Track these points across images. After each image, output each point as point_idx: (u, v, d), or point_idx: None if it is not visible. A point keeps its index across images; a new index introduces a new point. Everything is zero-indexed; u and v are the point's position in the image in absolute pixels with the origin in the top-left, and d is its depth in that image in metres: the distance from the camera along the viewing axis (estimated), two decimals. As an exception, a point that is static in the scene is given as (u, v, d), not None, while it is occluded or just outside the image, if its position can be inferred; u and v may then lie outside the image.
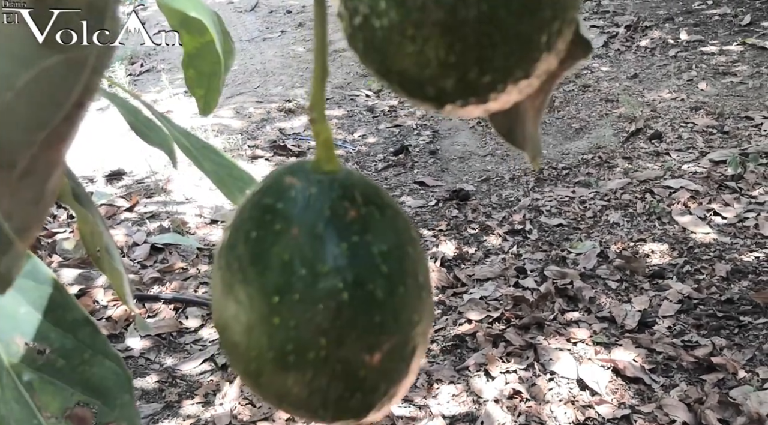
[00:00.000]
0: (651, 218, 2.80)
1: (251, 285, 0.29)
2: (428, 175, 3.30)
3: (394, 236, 0.30)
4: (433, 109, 0.27)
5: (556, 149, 3.39)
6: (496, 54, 0.25)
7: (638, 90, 3.76)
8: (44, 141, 0.24)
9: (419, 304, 0.30)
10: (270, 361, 0.29)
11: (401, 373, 0.31)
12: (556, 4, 0.25)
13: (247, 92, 4.12)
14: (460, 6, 0.24)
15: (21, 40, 0.23)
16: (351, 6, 0.26)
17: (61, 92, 0.24)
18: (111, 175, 3.34)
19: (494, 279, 2.58)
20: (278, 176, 0.30)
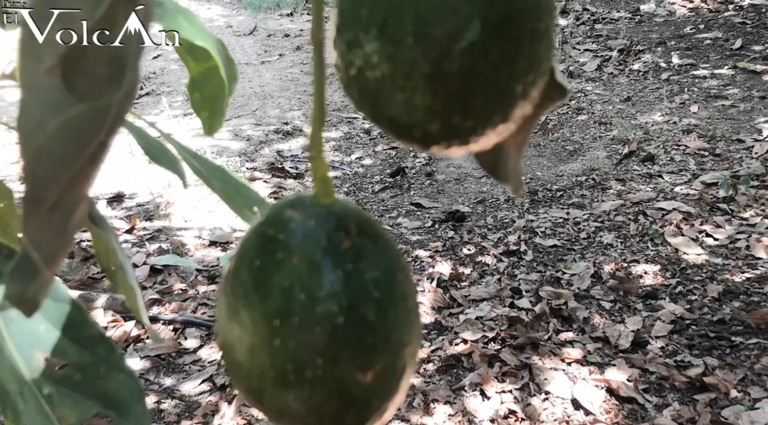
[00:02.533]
0: (644, 239, 2.83)
1: (254, 310, 0.32)
2: (424, 196, 3.33)
3: (385, 264, 0.33)
4: (419, 149, 0.30)
5: (550, 171, 3.42)
6: (477, 102, 0.28)
7: (631, 113, 3.80)
8: (71, 179, 0.27)
9: (408, 327, 0.33)
10: (271, 379, 0.32)
11: (392, 391, 0.33)
12: (531, 58, 0.28)
13: (246, 115, 4.16)
14: (445, 60, 0.27)
15: (52, 90, 0.26)
16: (347, 59, 0.29)
17: (86, 136, 0.27)
18: (112, 198, 3.37)
19: (489, 300, 2.60)
20: (280, 209, 0.33)
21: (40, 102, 0.26)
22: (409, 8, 0.27)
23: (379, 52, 0.27)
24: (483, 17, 0.27)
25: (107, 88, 0.27)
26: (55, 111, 0.26)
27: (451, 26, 0.26)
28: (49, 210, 0.28)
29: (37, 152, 0.26)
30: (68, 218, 0.28)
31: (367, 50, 0.28)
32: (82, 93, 0.26)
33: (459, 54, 0.27)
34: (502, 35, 0.27)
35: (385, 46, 0.27)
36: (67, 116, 0.26)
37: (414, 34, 0.27)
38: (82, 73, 0.26)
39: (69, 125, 0.26)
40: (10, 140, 3.93)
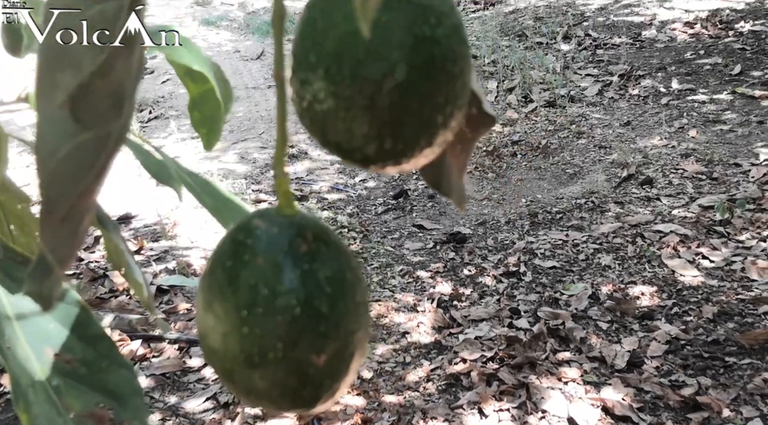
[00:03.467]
0: (641, 261, 2.87)
1: (226, 302, 0.38)
2: (426, 218, 3.39)
3: (337, 265, 0.39)
4: (361, 168, 0.36)
5: (550, 194, 3.48)
6: (405, 130, 0.34)
7: (631, 137, 3.86)
8: (79, 194, 0.33)
9: (356, 317, 0.39)
10: (240, 361, 0.38)
11: (342, 372, 0.39)
12: (448, 94, 0.34)
13: (252, 138, 4.24)
14: (377, 96, 0.33)
15: (63, 121, 0.32)
16: (300, 94, 0.35)
17: (92, 159, 0.33)
18: (119, 218, 3.45)
19: (489, 320, 2.65)
20: (249, 219, 0.39)
21: (53, 131, 0.33)
22: (348, 54, 0.33)
23: (324, 90, 0.34)
24: (408, 62, 0.33)
25: (108, 118, 0.33)
26: (66, 138, 0.33)
27: (381, 69, 0.33)
28: (61, 220, 0.34)
29: (51, 172, 0.33)
30: (77, 226, 0.35)
31: (315, 88, 0.34)
32: (87, 123, 0.33)
33: (388, 91, 0.33)
34: (423, 76, 0.34)
35: (329, 85, 0.34)
36: (75, 143, 0.33)
37: (352, 75, 0.33)
38: (87, 107, 0.33)
39: (77, 150, 0.33)
40: (22, 162, 4.02)
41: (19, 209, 0.81)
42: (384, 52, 0.33)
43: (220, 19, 6.58)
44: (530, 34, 5.32)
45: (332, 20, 0.34)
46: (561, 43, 5.15)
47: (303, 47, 0.35)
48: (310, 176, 3.80)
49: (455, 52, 0.34)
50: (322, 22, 0.34)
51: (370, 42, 0.33)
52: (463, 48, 0.35)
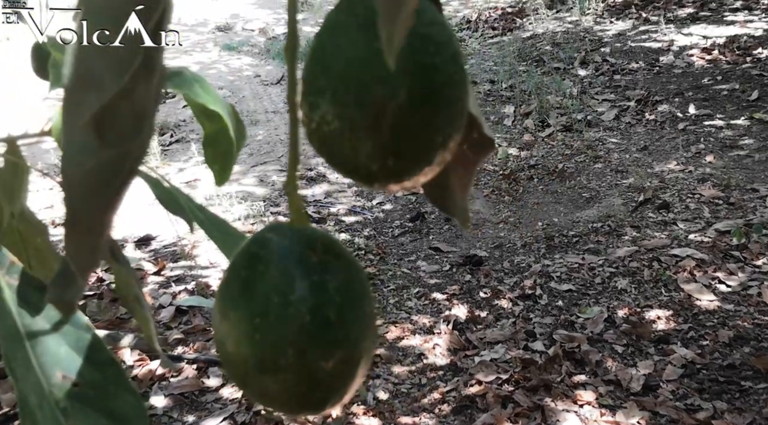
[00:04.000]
0: (657, 285, 2.87)
1: (240, 310, 0.41)
2: (443, 241, 3.41)
3: (345, 276, 0.41)
4: (366, 186, 0.39)
5: (566, 218, 3.49)
6: (406, 149, 0.37)
7: (647, 161, 3.87)
8: (100, 208, 0.36)
9: (363, 325, 0.42)
10: (253, 366, 0.41)
11: (350, 377, 0.42)
12: (446, 117, 0.37)
13: (271, 161, 4.29)
14: (380, 118, 0.36)
15: (87, 140, 0.35)
16: (309, 116, 0.38)
17: (113, 174, 0.36)
18: (140, 240, 3.49)
19: (504, 342, 2.66)
20: (263, 232, 0.42)
21: (78, 148, 0.36)
22: (353, 79, 0.36)
23: (331, 112, 0.37)
24: (408, 86, 0.36)
25: (129, 137, 0.36)
26: (89, 155, 0.36)
27: (384, 93, 0.36)
28: (83, 231, 0.37)
29: (76, 186, 0.36)
30: (98, 238, 0.38)
31: (322, 110, 0.37)
32: (109, 141, 0.36)
33: (390, 114, 0.36)
34: (423, 100, 0.36)
35: (336, 108, 0.37)
36: (98, 159, 0.36)
37: (356, 99, 0.36)
38: (109, 126, 0.36)
39: (100, 165, 0.36)
40: (44, 185, 4.09)
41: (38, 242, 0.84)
42: (387, 78, 0.36)
43: (241, 44, 6.68)
44: (548, 60, 5.36)
45: (339, 48, 0.37)
46: (578, 68, 5.18)
47: (312, 73, 0.38)
48: (328, 199, 3.83)
49: (453, 78, 0.37)
50: (330, 49, 0.37)
51: (373, 68, 0.36)
52: (460, 74, 0.38)
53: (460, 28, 6.30)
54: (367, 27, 0.36)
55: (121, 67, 0.35)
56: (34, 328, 0.61)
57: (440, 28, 0.37)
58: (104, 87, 0.35)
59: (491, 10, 6.52)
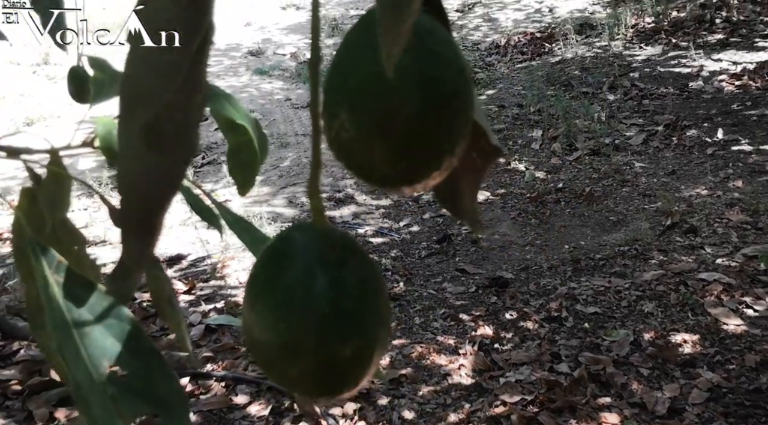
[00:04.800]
0: (684, 309, 2.87)
1: (267, 301, 0.45)
2: (469, 263, 3.43)
3: (361, 271, 0.45)
4: (380, 188, 0.43)
5: (593, 241, 3.50)
6: (416, 154, 0.41)
7: (675, 186, 3.87)
8: (151, 209, 0.41)
9: (378, 317, 0.45)
10: (277, 352, 0.45)
11: (365, 364, 0.46)
12: (452, 125, 0.41)
13: (301, 183, 4.36)
14: (393, 126, 0.40)
15: (138, 146, 0.40)
16: (329, 125, 0.42)
17: (162, 178, 0.41)
18: (171, 259, 3.56)
19: (530, 364, 2.67)
20: (288, 231, 0.46)
21: (130, 154, 0.40)
22: (368, 91, 0.41)
23: (349, 121, 0.41)
24: (418, 98, 0.40)
25: (174, 146, 0.41)
26: (141, 161, 0.40)
27: (396, 104, 0.40)
28: (136, 231, 0.41)
29: (129, 188, 0.40)
30: (150, 236, 0.42)
31: (341, 119, 0.41)
32: (158, 149, 0.40)
33: (402, 122, 0.40)
34: (431, 110, 0.41)
35: (353, 117, 0.41)
36: (148, 165, 0.40)
37: (371, 109, 0.41)
38: (157, 135, 0.40)
39: (150, 170, 0.40)
40: (80, 205, 4.19)
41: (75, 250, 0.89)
42: (399, 90, 0.40)
43: (272, 68, 6.79)
44: (576, 84, 5.38)
45: (356, 63, 0.41)
46: (607, 93, 5.20)
47: (332, 86, 0.42)
48: (356, 220, 3.88)
49: (459, 90, 0.41)
50: (347, 64, 0.42)
51: (387, 81, 0.40)
52: (466, 87, 0.42)
53: (489, 53, 6.36)
54: (380, 45, 0.41)
55: (169, 84, 0.39)
56: (81, 320, 0.66)
57: (448, 46, 0.42)
58: (153, 100, 0.40)
59: (520, 35, 6.57)
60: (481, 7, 7.38)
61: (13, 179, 4.52)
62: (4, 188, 4.46)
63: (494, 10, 7.26)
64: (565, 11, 6.90)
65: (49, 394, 2.48)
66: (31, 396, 2.49)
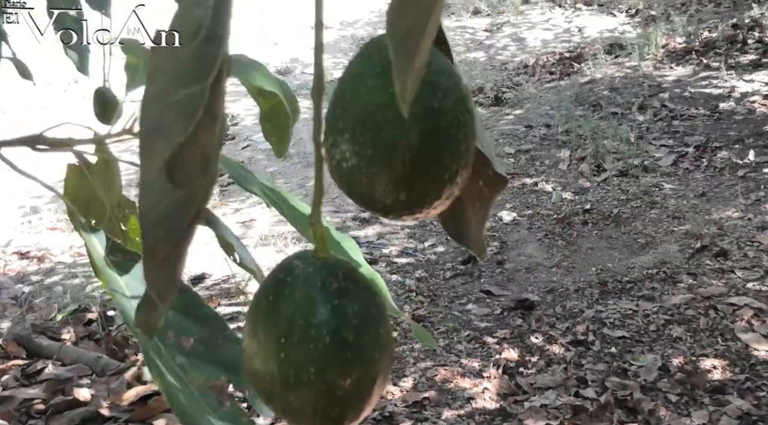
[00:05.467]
0: (714, 333, 2.82)
1: (267, 330, 0.45)
2: (495, 284, 3.41)
3: (363, 301, 0.45)
4: (382, 216, 0.43)
5: (621, 263, 3.46)
6: (416, 184, 0.41)
7: (705, 208, 3.82)
8: (175, 241, 0.41)
9: (380, 347, 0.45)
10: (278, 382, 0.44)
11: (367, 394, 0.45)
12: (453, 155, 0.41)
13: (326, 203, 4.36)
14: (393, 156, 0.40)
15: (160, 182, 0.40)
16: (330, 154, 0.42)
17: (184, 212, 0.41)
18: (195, 278, 3.59)
19: (555, 388, 2.64)
20: (289, 260, 0.46)
21: (153, 191, 0.41)
22: (369, 121, 0.40)
23: (350, 150, 0.41)
24: (419, 128, 0.40)
25: (196, 179, 0.41)
26: (163, 196, 0.41)
27: (396, 134, 0.40)
28: (161, 262, 0.42)
29: (152, 224, 0.41)
30: (175, 267, 0.43)
31: (342, 148, 0.41)
32: (179, 183, 0.41)
33: (402, 152, 0.40)
34: (431, 140, 0.40)
35: (354, 146, 0.41)
36: (170, 200, 0.41)
37: (372, 138, 0.40)
38: (179, 170, 0.41)
39: (172, 205, 0.41)
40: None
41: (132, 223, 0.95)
42: (398, 120, 0.40)
43: (300, 87, 6.84)
44: (605, 105, 5.35)
45: (357, 93, 0.41)
46: (636, 113, 5.16)
47: (334, 115, 0.42)
48: (381, 240, 3.88)
49: (459, 120, 0.41)
50: (349, 94, 0.42)
51: (387, 111, 0.40)
52: (466, 117, 0.42)
53: (516, 73, 6.35)
54: (382, 75, 0.41)
55: (187, 118, 0.40)
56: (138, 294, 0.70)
57: (448, 76, 0.41)
58: (173, 136, 0.40)
59: (549, 55, 6.55)
60: (509, 27, 7.38)
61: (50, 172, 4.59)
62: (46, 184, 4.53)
63: (523, 30, 7.25)
64: (594, 31, 6.88)
65: (72, 414, 2.50)
66: (54, 415, 2.51)
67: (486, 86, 5.84)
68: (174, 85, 0.40)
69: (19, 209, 4.45)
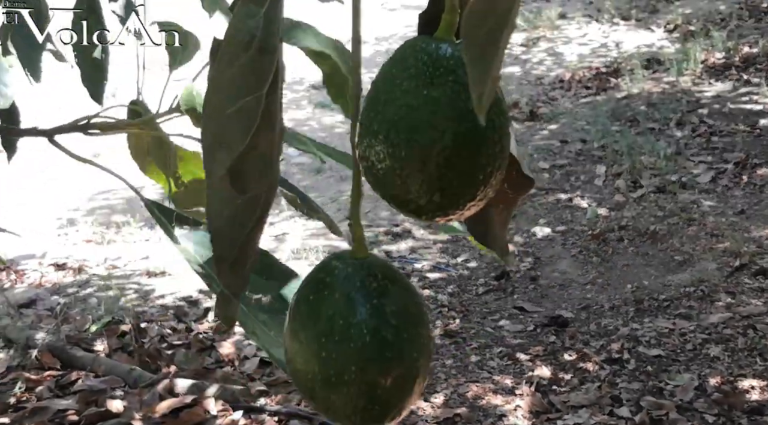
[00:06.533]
0: (752, 353, 2.77)
1: (308, 331, 0.45)
2: (528, 300, 3.39)
3: (402, 300, 0.45)
4: (415, 218, 0.44)
5: (657, 281, 3.41)
6: (451, 186, 0.42)
7: (745, 226, 3.76)
8: (242, 244, 0.43)
9: (419, 346, 0.45)
10: (319, 381, 0.45)
11: (407, 393, 0.45)
12: (488, 157, 0.41)
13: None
14: (427, 158, 0.41)
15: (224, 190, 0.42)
16: (365, 156, 0.43)
17: (249, 216, 0.42)
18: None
19: (589, 407, 2.60)
20: (328, 260, 0.47)
21: (218, 198, 0.42)
22: (404, 123, 0.41)
23: (384, 152, 0.42)
24: (454, 130, 0.41)
25: (258, 184, 0.43)
26: (228, 203, 0.42)
27: (431, 136, 0.41)
28: (230, 265, 0.43)
29: (219, 229, 0.42)
30: (244, 268, 0.44)
31: (376, 150, 0.42)
32: (242, 189, 0.42)
33: (437, 154, 0.41)
34: (466, 142, 0.41)
35: (388, 148, 0.42)
36: (234, 206, 0.42)
37: (407, 140, 0.41)
38: (241, 177, 0.42)
39: (237, 210, 0.42)
40: (141, 236, 4.29)
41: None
42: (434, 122, 0.40)
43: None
44: (642, 120, 5.29)
45: (392, 95, 0.42)
46: (674, 129, 5.10)
47: (368, 117, 0.43)
48: (413, 255, 3.87)
49: (494, 122, 0.42)
50: (383, 97, 0.42)
51: (421, 114, 0.40)
52: (501, 118, 0.42)
53: (552, 87, 6.32)
54: (416, 77, 0.41)
55: (246, 127, 0.42)
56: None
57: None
58: (234, 145, 0.42)
59: (585, 70, 6.52)
60: (545, 42, 7.35)
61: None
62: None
63: (559, 45, 7.22)
64: (632, 46, 6.82)
65: (106, 425, 2.52)
66: (87, 426, 2.53)
67: (521, 101, 5.82)
68: (231, 96, 0.42)
69: (56, 221, 4.52)
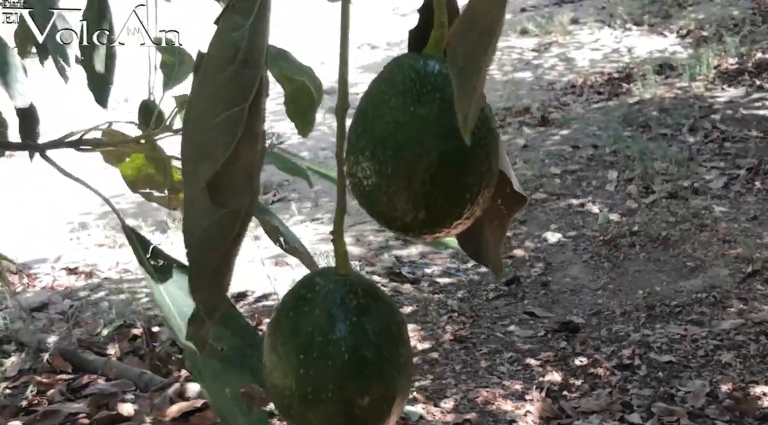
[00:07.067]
0: (765, 360, 2.74)
1: (287, 346, 0.45)
2: (538, 306, 3.37)
3: (382, 318, 0.45)
4: (402, 235, 0.43)
5: (669, 287, 3.39)
6: (437, 204, 0.41)
7: (757, 232, 3.72)
8: (219, 258, 0.42)
9: (398, 365, 0.45)
10: (296, 398, 0.44)
11: (385, 412, 0.45)
12: (474, 175, 0.41)
13: (368, 221, 4.38)
14: (413, 175, 0.40)
15: (203, 202, 0.41)
16: (352, 172, 0.43)
17: (228, 230, 0.42)
18: (237, 296, 3.61)
19: (600, 413, 2.59)
20: (310, 277, 0.47)
21: (196, 210, 0.42)
22: (390, 140, 0.41)
23: (370, 168, 0.41)
24: (440, 148, 0.40)
25: (238, 197, 0.42)
26: (206, 216, 0.42)
27: (417, 153, 0.40)
28: (206, 280, 0.43)
29: (196, 243, 0.42)
30: (219, 284, 0.44)
31: (363, 166, 0.42)
32: (222, 203, 0.42)
33: (423, 171, 0.40)
34: (453, 160, 0.40)
35: (375, 165, 0.41)
36: (213, 219, 0.42)
37: (393, 157, 0.40)
38: (221, 190, 0.42)
39: (216, 224, 0.42)
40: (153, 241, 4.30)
41: None
42: (420, 139, 0.40)
43: (348, 108, 6.90)
44: (654, 126, 5.26)
45: (379, 112, 0.42)
46: (686, 134, 5.07)
47: (355, 133, 0.43)
48: (423, 260, 3.86)
49: (481, 140, 0.41)
50: (370, 114, 0.42)
51: (407, 131, 0.40)
52: (489, 137, 0.41)
53: (564, 93, 6.30)
54: (404, 94, 0.41)
55: (228, 139, 0.41)
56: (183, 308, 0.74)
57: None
58: (215, 156, 0.41)
59: (597, 75, 6.49)
60: (557, 47, 7.32)
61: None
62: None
63: (570, 50, 7.19)
64: (644, 51, 6.79)
65: (116, 429, 2.54)
66: (98, 430, 2.55)
67: (533, 106, 5.80)
68: (214, 108, 0.41)
69: (68, 225, 4.55)
